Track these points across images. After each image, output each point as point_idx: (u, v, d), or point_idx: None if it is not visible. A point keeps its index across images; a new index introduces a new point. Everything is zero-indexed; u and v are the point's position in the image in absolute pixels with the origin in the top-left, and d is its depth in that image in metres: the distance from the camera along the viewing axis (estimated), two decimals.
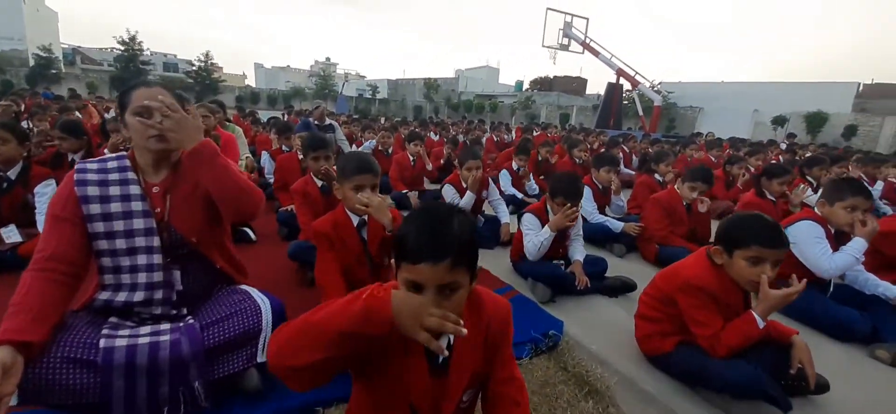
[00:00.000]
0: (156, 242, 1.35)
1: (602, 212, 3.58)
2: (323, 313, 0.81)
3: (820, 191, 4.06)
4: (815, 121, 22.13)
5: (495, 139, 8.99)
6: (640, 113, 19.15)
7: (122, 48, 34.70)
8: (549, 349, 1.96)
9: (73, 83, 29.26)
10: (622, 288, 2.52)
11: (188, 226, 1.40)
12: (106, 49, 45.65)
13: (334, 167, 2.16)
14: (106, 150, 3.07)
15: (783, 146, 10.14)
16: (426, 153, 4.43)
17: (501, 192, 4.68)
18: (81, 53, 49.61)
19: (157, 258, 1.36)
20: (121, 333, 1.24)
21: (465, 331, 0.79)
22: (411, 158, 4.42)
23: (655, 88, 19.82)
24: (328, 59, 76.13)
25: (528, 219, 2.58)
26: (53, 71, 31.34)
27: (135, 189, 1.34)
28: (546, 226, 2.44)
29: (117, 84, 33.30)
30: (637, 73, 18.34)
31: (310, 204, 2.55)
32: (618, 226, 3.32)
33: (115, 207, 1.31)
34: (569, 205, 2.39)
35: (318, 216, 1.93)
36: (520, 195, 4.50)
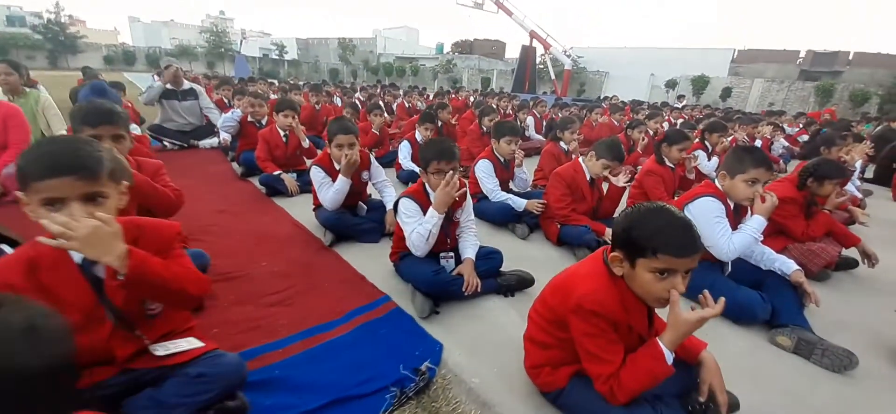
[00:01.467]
0: None
1: (505, 188, 3.18)
2: None
3: (715, 159, 4.16)
4: (700, 84, 24.83)
5: (407, 105, 8.27)
6: (553, 76, 19.57)
7: None
8: (418, 393, 1.47)
9: None
10: (519, 285, 2.13)
11: None
12: None
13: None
14: None
15: (679, 106, 10.88)
16: (300, 126, 3.62)
17: (400, 169, 4.12)
18: None
19: None
20: None
21: None
22: (282, 134, 3.58)
23: (567, 53, 20.39)
24: (222, 12, 66.79)
25: (405, 205, 2.04)
26: None
27: None
28: (430, 208, 1.93)
29: None
30: (549, 35, 18.60)
31: None
32: (521, 203, 2.94)
33: None
34: (449, 172, 1.90)
35: None
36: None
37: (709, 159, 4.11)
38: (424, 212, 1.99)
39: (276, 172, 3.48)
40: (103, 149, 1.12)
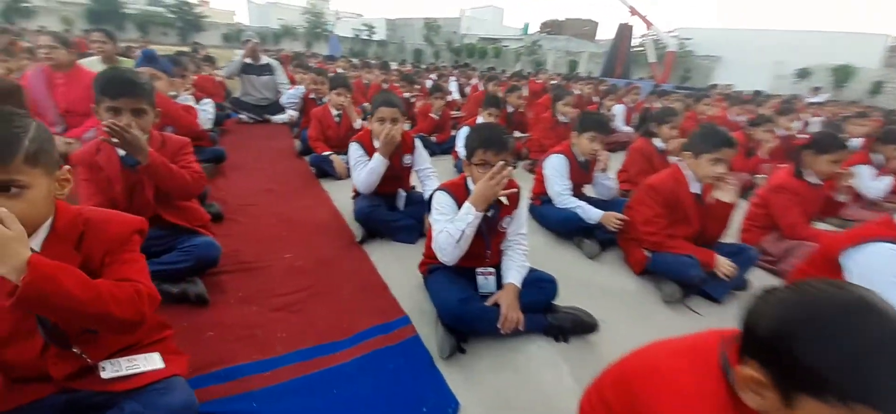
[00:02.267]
0: None
1: (578, 194, 2.60)
2: None
3: (888, 180, 2.99)
4: (842, 75, 20.25)
5: (484, 89, 7.78)
6: (652, 59, 17.18)
7: None
8: None
9: (45, 18, 27.26)
10: (576, 328, 1.63)
11: None
12: None
13: None
14: None
15: (819, 100, 8.77)
16: (353, 106, 3.39)
17: (457, 159, 3.71)
18: None
19: None
20: None
21: None
22: (335, 113, 3.38)
23: (672, 34, 17.86)
24: None
25: (439, 199, 1.64)
26: (24, 4, 29.11)
27: None
28: (466, 203, 1.51)
29: (95, 19, 31.12)
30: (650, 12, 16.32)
31: None
32: (594, 215, 2.36)
33: None
34: (499, 164, 1.46)
35: None
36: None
37: (875, 178, 3.00)
38: (460, 206, 1.57)
39: (325, 153, 3.31)
40: (24, 125, 0.88)
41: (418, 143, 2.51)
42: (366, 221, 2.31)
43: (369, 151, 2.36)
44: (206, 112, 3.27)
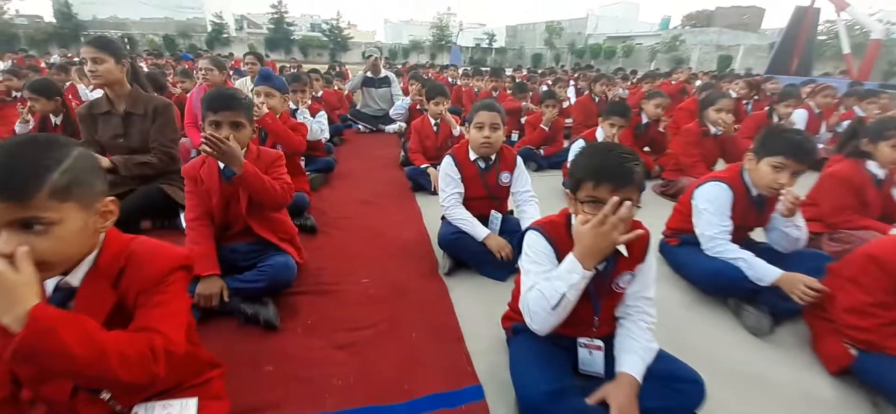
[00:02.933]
0: None
1: (741, 238, 1.86)
2: None
3: None
4: None
5: (588, 92, 6.86)
6: (846, 50, 13.07)
7: (273, 11, 39.47)
8: None
9: (238, 46, 34.68)
10: None
11: None
12: (265, 13, 53.02)
13: None
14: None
15: None
16: (449, 115, 3.16)
17: (567, 176, 3.18)
18: (248, 19, 58.71)
19: None
20: None
21: None
22: (433, 122, 3.21)
23: (875, 16, 13.49)
24: (449, 8, 75.17)
25: (533, 242, 1.23)
26: (224, 35, 37.57)
27: None
28: (569, 255, 1.11)
29: (271, 44, 38.48)
30: None
31: None
32: (768, 275, 1.64)
33: None
34: (612, 203, 1.02)
35: None
36: None
37: None
38: (560, 259, 1.16)
39: (423, 166, 3.17)
40: (58, 156, 0.80)
41: (520, 161, 2.14)
42: (450, 247, 2.04)
43: (463, 167, 2.08)
44: (320, 125, 3.44)
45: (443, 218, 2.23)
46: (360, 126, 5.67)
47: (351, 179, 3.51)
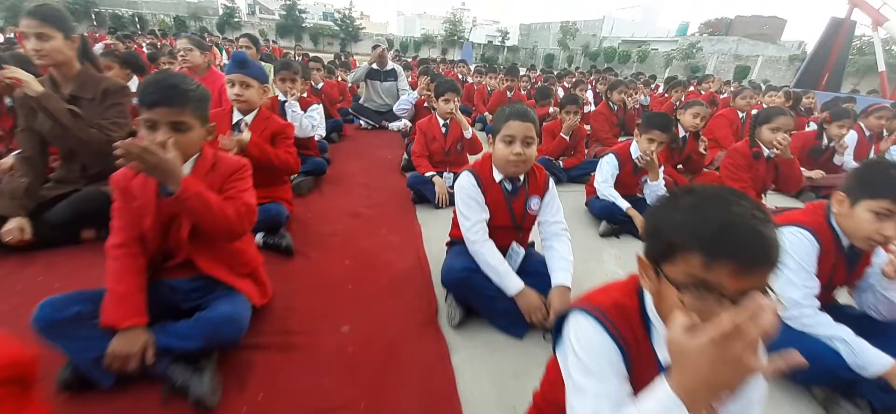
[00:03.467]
0: None
1: (829, 303, 1.42)
2: None
3: None
4: None
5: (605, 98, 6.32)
6: (882, 67, 12.32)
7: None
8: None
9: (249, 30, 34.26)
10: None
11: None
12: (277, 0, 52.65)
13: None
14: None
15: None
16: (461, 114, 2.71)
17: (592, 195, 2.72)
18: (260, 4, 58.36)
19: None
20: None
21: None
22: (442, 123, 2.77)
23: None
24: (463, 3, 74.33)
25: (588, 337, 0.75)
26: (235, 19, 37.22)
27: None
28: (663, 387, 0.60)
29: (282, 31, 38.11)
30: (886, 2, 11.68)
31: None
32: (877, 363, 1.19)
33: None
34: (754, 301, 0.54)
35: None
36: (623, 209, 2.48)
37: None
38: (632, 370, 0.73)
39: (428, 174, 2.74)
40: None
41: (553, 185, 1.69)
42: (457, 289, 1.60)
43: (487, 188, 1.64)
44: (311, 120, 3.02)
45: (449, 244, 1.80)
46: (361, 122, 5.25)
47: (344, 185, 3.09)
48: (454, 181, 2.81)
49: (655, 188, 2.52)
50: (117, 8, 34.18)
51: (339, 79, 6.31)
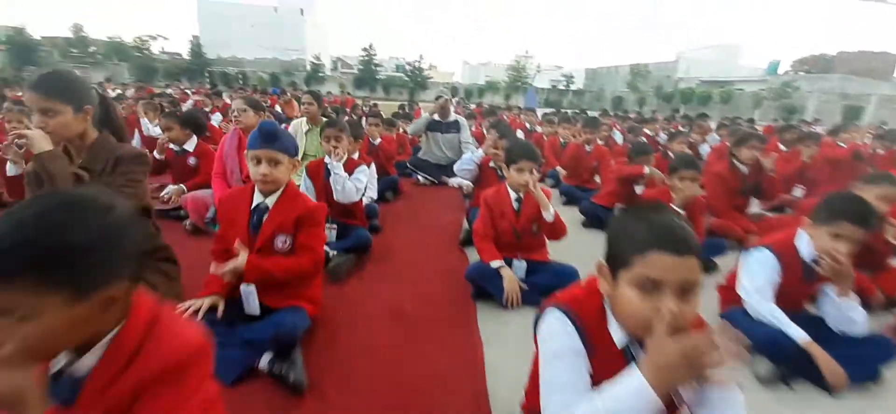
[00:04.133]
0: None
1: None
2: None
3: None
4: None
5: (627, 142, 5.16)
6: None
7: (364, 54, 42.64)
8: None
9: (331, 84, 37.46)
10: None
11: None
12: (357, 56, 57.61)
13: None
14: None
15: None
16: (540, 189, 2.07)
17: (738, 308, 1.84)
18: (342, 60, 64.36)
19: None
20: None
21: None
22: (513, 196, 2.11)
23: None
24: (526, 51, 75.52)
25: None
26: (321, 74, 41.09)
27: None
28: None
29: (359, 83, 41.23)
30: None
31: None
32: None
33: None
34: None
35: None
36: None
37: None
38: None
39: (495, 263, 2.10)
40: None
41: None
42: None
43: (593, 347, 0.94)
44: (357, 182, 2.59)
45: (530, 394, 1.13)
46: (420, 177, 4.84)
47: (390, 264, 2.56)
48: (526, 272, 2.13)
49: (846, 309, 1.63)
50: (226, 67, 39.66)
51: (401, 130, 6.06)
